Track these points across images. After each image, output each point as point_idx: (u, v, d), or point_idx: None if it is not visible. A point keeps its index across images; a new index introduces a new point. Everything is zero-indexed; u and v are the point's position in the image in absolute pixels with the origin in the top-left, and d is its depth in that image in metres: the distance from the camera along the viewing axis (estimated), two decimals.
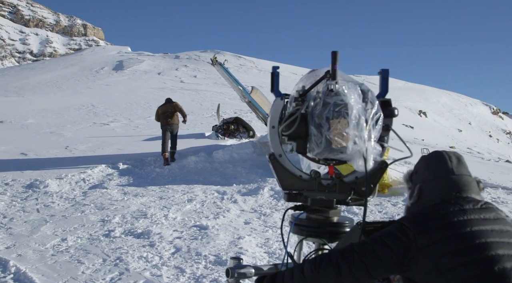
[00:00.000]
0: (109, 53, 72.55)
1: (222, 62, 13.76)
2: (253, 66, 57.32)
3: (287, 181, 2.29)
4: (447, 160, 1.99)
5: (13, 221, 7.60)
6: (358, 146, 2.02)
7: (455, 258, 1.71)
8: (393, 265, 1.79)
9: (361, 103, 2.07)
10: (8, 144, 15.23)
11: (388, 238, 1.81)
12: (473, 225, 1.77)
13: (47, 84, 42.65)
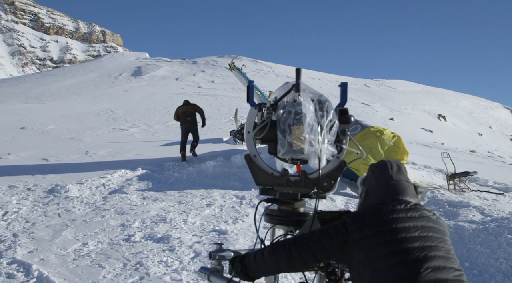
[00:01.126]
0: (128, 59, 73.21)
1: (240, 67, 13.80)
2: (270, 70, 57.35)
3: (261, 178, 2.70)
4: (389, 168, 2.40)
5: (35, 225, 7.70)
6: (314, 148, 2.43)
7: (380, 249, 2.08)
8: (333, 252, 2.18)
9: (314, 111, 2.47)
10: (30, 150, 15.45)
11: (332, 230, 2.21)
12: (399, 222, 2.15)
13: (67, 91, 43.19)
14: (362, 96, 42.34)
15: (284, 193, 2.65)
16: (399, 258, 2.03)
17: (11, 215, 8.23)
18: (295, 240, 2.26)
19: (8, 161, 13.52)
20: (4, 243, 6.80)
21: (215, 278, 2.51)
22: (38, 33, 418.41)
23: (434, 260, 2.03)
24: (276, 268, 2.28)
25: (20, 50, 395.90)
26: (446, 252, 2.13)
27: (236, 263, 2.40)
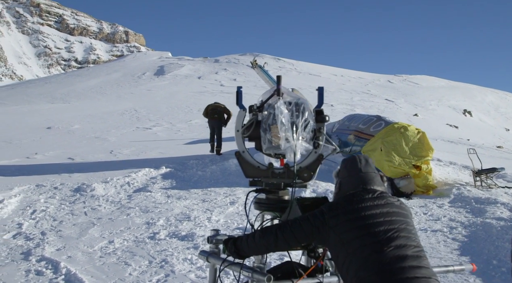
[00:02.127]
0: (150, 58, 73.80)
1: (262, 65, 13.79)
2: (292, 68, 57.19)
3: (249, 171, 3.18)
4: (358, 162, 2.83)
5: (62, 224, 7.84)
6: (289, 144, 2.87)
7: (352, 233, 2.50)
8: (312, 236, 2.63)
9: (290, 113, 2.91)
10: (56, 149, 15.73)
11: (311, 217, 2.63)
12: (367, 210, 2.56)
13: (91, 91, 43.78)
14: (385, 92, 41.87)
15: (270, 184, 3.10)
16: (367, 240, 2.46)
17: (39, 214, 8.39)
18: (280, 226, 2.71)
19: (36, 161, 13.79)
20: (33, 241, 6.94)
21: (213, 258, 2.97)
22: (63, 34, 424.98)
23: (396, 240, 2.45)
24: (265, 249, 2.74)
25: (46, 51, 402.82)
26: (407, 232, 2.53)
27: (230, 244, 2.83)
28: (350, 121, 13.54)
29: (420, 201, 9.65)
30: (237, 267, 2.77)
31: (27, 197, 9.60)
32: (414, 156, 10.44)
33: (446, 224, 7.93)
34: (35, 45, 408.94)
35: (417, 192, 10.28)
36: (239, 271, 2.75)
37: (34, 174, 11.67)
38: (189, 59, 69.16)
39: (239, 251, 2.79)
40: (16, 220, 8.02)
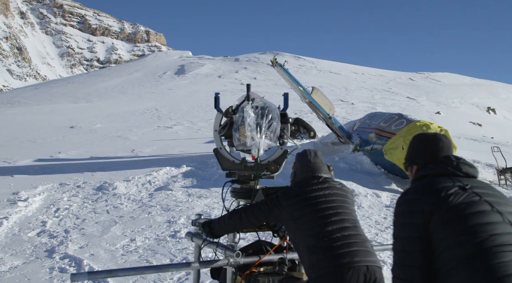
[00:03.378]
0: (171, 58, 74.32)
1: (282, 63, 13.76)
2: (312, 66, 56.98)
3: (225, 165, 3.72)
4: (308, 154, 3.35)
5: (85, 222, 7.94)
6: (254, 141, 3.40)
7: (301, 211, 3.00)
8: (269, 215, 3.15)
9: (256, 115, 3.42)
10: (79, 148, 15.94)
11: (268, 201, 3.17)
12: (313, 192, 3.08)
13: (113, 90, 44.26)
14: (407, 90, 41.44)
15: (242, 175, 3.66)
16: (312, 216, 2.96)
17: (62, 212, 8.52)
18: (244, 209, 3.25)
19: (59, 160, 14.01)
20: (56, 239, 7.05)
21: (196, 238, 3.51)
22: (85, 35, 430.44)
23: (336, 215, 2.96)
24: (233, 228, 3.30)
25: (69, 52, 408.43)
26: (345, 208, 3.05)
27: (205, 226, 3.36)
28: (371, 119, 13.43)
29: None
30: (213, 245, 3.37)
31: (51, 195, 9.75)
32: None
33: None
34: (58, 45, 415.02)
35: None
36: (215, 249, 3.37)
37: (58, 172, 11.85)
38: (210, 58, 69.45)
39: (213, 231, 3.34)
40: (40, 218, 8.15)
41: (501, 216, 2.06)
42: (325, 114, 13.69)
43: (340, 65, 60.57)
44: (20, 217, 8.25)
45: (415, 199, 2.19)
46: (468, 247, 1.98)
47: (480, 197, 2.12)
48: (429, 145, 2.42)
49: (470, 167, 2.29)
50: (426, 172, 2.32)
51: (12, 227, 7.71)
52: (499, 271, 1.89)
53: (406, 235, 2.17)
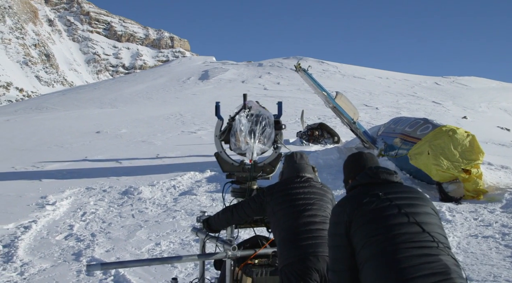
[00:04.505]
0: (195, 63, 74.78)
1: (306, 68, 13.74)
2: (336, 71, 56.68)
3: (225, 167, 4.10)
4: (294, 156, 3.74)
5: (111, 226, 8.05)
6: (248, 146, 3.82)
7: (280, 206, 3.41)
8: (257, 210, 3.56)
9: (250, 122, 3.85)
10: (105, 153, 16.17)
11: (255, 197, 3.60)
12: (294, 189, 3.48)
13: (138, 95, 44.75)
14: (432, 95, 40.86)
15: (240, 176, 4.04)
16: (289, 210, 3.36)
17: (89, 216, 8.65)
18: (235, 205, 3.67)
19: (85, 164, 14.22)
20: (83, 242, 7.16)
21: (200, 233, 3.89)
22: (111, 41, 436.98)
23: (310, 210, 3.35)
24: (226, 223, 3.70)
25: (95, 58, 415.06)
26: (319, 206, 3.41)
27: (204, 222, 3.83)
28: (396, 124, 13.28)
29: (470, 206, 9.35)
30: (214, 239, 3.77)
31: (78, 199, 9.92)
32: (464, 160, 10.12)
33: (498, 230, 7.64)
34: (85, 52, 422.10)
35: (466, 197, 9.96)
36: (215, 242, 3.76)
37: (84, 177, 12.05)
38: (233, 63, 69.69)
39: (211, 226, 3.79)
40: (67, 222, 8.30)
41: (407, 217, 2.42)
42: (349, 119, 13.60)
43: (364, 70, 60.11)
44: (48, 221, 8.41)
45: (339, 212, 2.60)
46: (376, 246, 2.36)
47: (391, 202, 2.50)
48: (354, 161, 2.92)
49: (388, 174, 2.70)
50: (354, 183, 2.77)
51: (41, 231, 7.87)
52: (400, 264, 2.25)
53: (334, 244, 2.57)
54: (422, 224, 2.42)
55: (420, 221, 2.43)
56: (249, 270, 3.51)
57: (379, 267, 2.31)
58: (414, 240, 2.35)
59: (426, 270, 2.24)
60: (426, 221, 2.45)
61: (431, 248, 2.33)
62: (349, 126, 14.53)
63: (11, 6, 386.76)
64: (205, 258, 3.79)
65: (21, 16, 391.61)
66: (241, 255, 3.58)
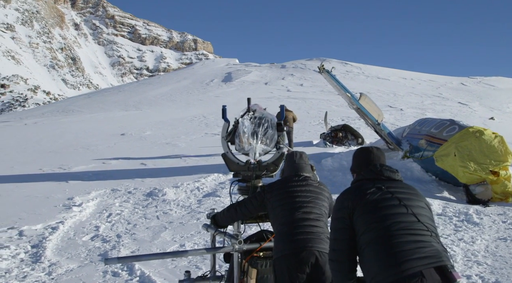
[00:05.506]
0: (218, 65, 75.13)
1: (329, 70, 13.67)
2: (360, 72, 56.29)
3: (232, 166, 4.35)
4: (294, 155, 3.93)
5: (136, 227, 8.13)
6: (251, 146, 4.10)
7: (278, 202, 3.63)
8: (258, 206, 3.80)
9: (250, 125, 4.13)
10: (130, 155, 16.34)
11: (257, 194, 3.84)
12: (292, 187, 3.69)
13: (162, 98, 45.15)
14: (458, 95, 40.24)
15: (246, 175, 4.26)
16: (286, 206, 3.58)
17: (114, 217, 8.75)
18: (239, 202, 3.91)
19: (111, 166, 14.40)
20: (109, 243, 7.25)
21: (210, 229, 4.14)
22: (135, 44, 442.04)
23: (305, 208, 3.56)
24: (230, 219, 3.96)
25: (120, 61, 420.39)
26: (315, 204, 3.61)
27: (212, 218, 4.12)
28: (421, 126, 13.11)
29: (498, 208, 9.18)
30: (222, 234, 4.01)
31: (103, 201, 10.04)
32: (491, 161, 9.94)
33: None
34: (110, 55, 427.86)
35: (494, 199, 9.78)
36: (223, 237, 4.00)
37: (110, 179, 12.19)
38: (256, 65, 69.78)
39: (217, 222, 4.08)
40: (93, 223, 8.41)
41: (406, 209, 2.73)
42: (373, 120, 13.48)
43: (388, 71, 59.54)
44: (75, 222, 8.54)
45: (344, 199, 2.89)
46: (376, 231, 2.66)
47: (392, 195, 2.81)
48: (364, 156, 3.16)
49: (391, 172, 3.00)
50: (359, 177, 3.06)
51: (68, 232, 7.99)
52: (398, 248, 2.56)
53: (337, 227, 2.86)
54: (418, 216, 2.73)
55: (416, 212, 2.74)
56: (255, 262, 3.74)
57: (379, 250, 2.61)
58: (410, 228, 2.65)
59: (420, 254, 2.54)
60: (421, 213, 2.76)
61: (424, 235, 2.65)
62: (373, 128, 14.41)
63: (39, 11, 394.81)
64: (213, 251, 4.03)
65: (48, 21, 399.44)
66: (247, 249, 3.80)
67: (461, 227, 7.84)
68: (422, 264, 2.50)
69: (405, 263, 2.50)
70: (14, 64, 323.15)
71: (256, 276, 3.72)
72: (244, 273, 3.80)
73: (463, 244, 7.00)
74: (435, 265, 2.53)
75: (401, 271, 2.49)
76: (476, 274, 5.86)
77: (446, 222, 8.12)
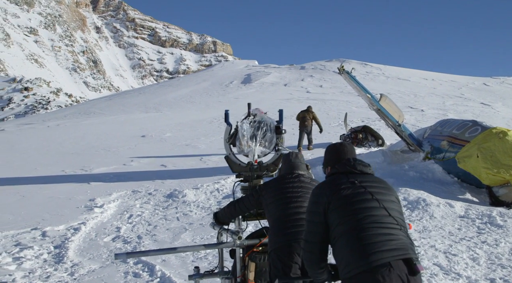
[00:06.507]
0: (238, 67, 75.18)
1: (349, 71, 13.59)
2: (380, 73, 55.80)
3: (234, 168, 4.68)
4: (290, 155, 4.13)
5: (156, 228, 8.19)
6: (250, 149, 4.48)
7: (272, 198, 3.84)
8: (255, 203, 4.04)
9: (249, 128, 4.51)
10: (150, 157, 16.47)
11: (253, 192, 4.07)
12: (285, 184, 3.88)
13: (182, 100, 45.37)
14: (480, 96, 39.62)
15: (247, 175, 4.59)
16: (278, 202, 3.78)
17: (135, 218, 8.83)
18: (238, 200, 4.16)
19: (132, 168, 14.53)
20: (130, 244, 7.31)
21: (216, 226, 4.39)
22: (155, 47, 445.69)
23: (296, 202, 3.74)
24: (230, 215, 4.21)
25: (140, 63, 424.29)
26: (305, 198, 3.72)
27: (214, 215, 4.41)
28: (443, 127, 12.94)
29: None
30: (225, 230, 4.31)
31: (124, 202, 10.14)
32: None
33: None
34: (130, 57, 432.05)
35: None
36: (226, 233, 4.29)
37: (130, 180, 12.31)
38: (275, 66, 69.66)
39: (219, 219, 4.36)
40: (114, 224, 8.50)
41: (377, 203, 2.90)
42: (394, 121, 13.34)
43: (408, 71, 58.90)
44: (96, 223, 8.64)
45: (319, 193, 3.05)
46: (349, 224, 2.83)
47: (365, 189, 2.97)
48: (336, 151, 3.33)
49: (364, 166, 3.16)
50: (333, 171, 3.21)
51: (90, 232, 8.09)
52: (368, 240, 2.74)
53: (311, 219, 3.02)
54: (388, 210, 2.90)
55: (387, 206, 2.92)
56: (254, 257, 3.97)
57: (351, 242, 2.78)
58: (381, 221, 2.83)
59: (389, 246, 2.73)
60: (391, 207, 2.94)
61: (394, 229, 2.83)
62: (393, 129, 14.27)
63: (61, 15, 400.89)
64: (215, 247, 4.39)
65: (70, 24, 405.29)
66: (248, 244, 4.04)
67: (484, 229, 7.71)
68: (390, 255, 2.69)
69: (375, 254, 2.69)
70: (37, 67, 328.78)
71: (255, 269, 3.95)
72: (245, 267, 4.03)
73: (486, 246, 6.89)
74: (402, 257, 2.72)
75: (371, 261, 2.67)
76: (500, 277, 5.76)
77: (469, 224, 8.01)
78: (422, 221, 8.14)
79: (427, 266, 6.10)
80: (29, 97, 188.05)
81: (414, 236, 7.32)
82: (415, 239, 7.22)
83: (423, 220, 8.17)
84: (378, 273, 2.66)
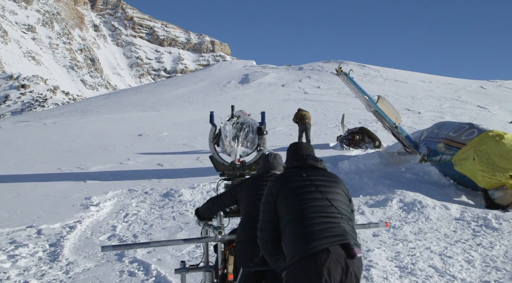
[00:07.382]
0: (235, 67, 75.13)
1: (347, 72, 13.61)
2: (377, 74, 55.82)
3: (218, 167, 4.95)
4: (269, 156, 4.32)
5: (152, 227, 8.18)
6: (233, 149, 4.76)
7: (245, 194, 4.07)
8: (232, 199, 4.25)
9: (231, 129, 4.82)
10: (147, 156, 16.46)
11: (231, 188, 4.28)
12: (258, 182, 4.09)
13: (179, 99, 45.32)
14: (477, 99, 39.70)
15: (231, 174, 4.83)
16: (250, 198, 4.00)
17: (131, 217, 8.82)
18: (216, 197, 4.34)
19: (128, 166, 14.51)
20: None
21: (201, 223, 4.48)
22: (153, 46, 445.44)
23: None
24: (209, 211, 4.36)
25: (138, 62, 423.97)
26: None
27: (196, 211, 4.53)
28: (440, 129, 12.97)
29: None
30: (208, 226, 4.42)
31: (120, 201, 10.13)
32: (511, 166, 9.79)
33: None
34: (128, 56, 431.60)
35: None
36: (209, 228, 4.38)
37: (127, 179, 12.30)
38: (273, 67, 69.63)
39: (199, 214, 4.47)
40: (110, 223, 8.49)
41: (321, 194, 3.18)
42: (391, 123, 13.37)
43: (406, 73, 58.95)
44: (92, 221, 8.63)
45: (271, 185, 3.35)
46: (294, 213, 3.11)
47: (311, 182, 3.25)
48: (292, 149, 3.63)
49: (314, 161, 3.45)
50: (288, 166, 3.53)
51: (85, 231, 8.08)
52: (310, 228, 3.02)
53: (264, 209, 3.31)
54: (331, 200, 3.18)
55: (330, 198, 3.19)
56: (233, 250, 4.11)
57: (295, 230, 3.06)
58: (323, 211, 3.10)
59: (328, 233, 3.00)
60: (335, 198, 3.21)
61: (335, 218, 3.10)
62: (390, 131, 14.29)
63: (59, 12, 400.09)
64: (197, 241, 4.44)
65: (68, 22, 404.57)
66: (229, 239, 4.14)
67: (480, 232, 7.74)
68: (329, 241, 2.96)
69: (315, 241, 2.96)
70: (35, 64, 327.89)
71: (233, 262, 4.12)
72: (225, 261, 4.20)
73: (481, 249, 6.91)
74: (340, 242, 2.98)
75: (311, 247, 2.95)
76: (494, 280, 5.78)
77: (464, 226, 8.03)
78: (418, 223, 8.16)
79: (422, 268, 6.12)
80: (26, 94, 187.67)
81: (409, 238, 7.35)
82: (411, 240, 7.24)
83: (419, 222, 8.19)
84: (317, 258, 2.91)
